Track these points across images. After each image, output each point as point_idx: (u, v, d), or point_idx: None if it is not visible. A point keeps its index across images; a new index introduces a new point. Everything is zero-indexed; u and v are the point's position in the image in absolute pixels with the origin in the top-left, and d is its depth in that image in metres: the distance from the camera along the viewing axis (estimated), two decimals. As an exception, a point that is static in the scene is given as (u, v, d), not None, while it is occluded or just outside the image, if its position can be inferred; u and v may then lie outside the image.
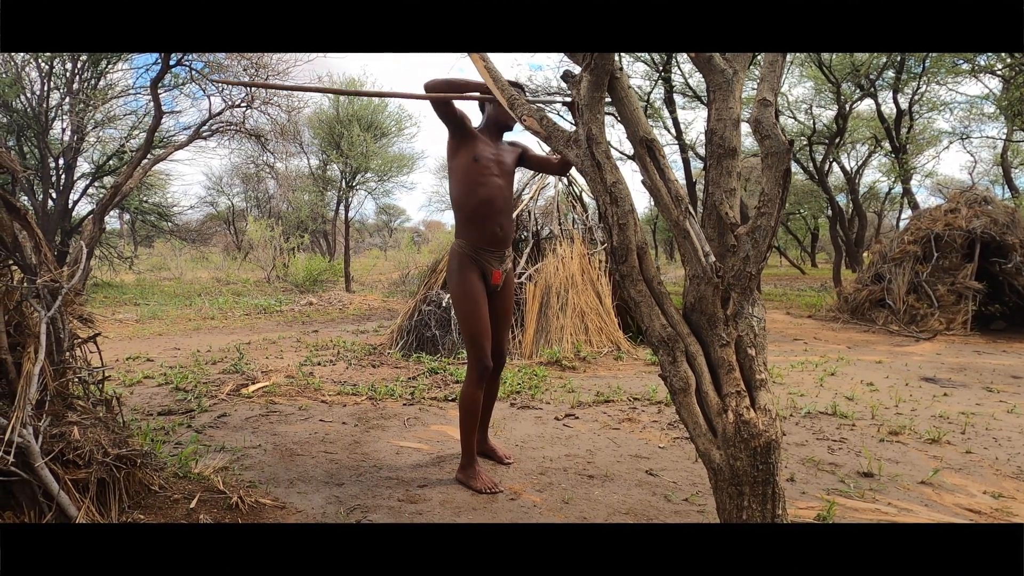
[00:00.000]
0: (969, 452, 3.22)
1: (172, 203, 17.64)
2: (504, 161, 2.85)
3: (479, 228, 2.75)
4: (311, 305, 10.35)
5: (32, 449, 1.88)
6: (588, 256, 6.26)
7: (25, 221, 2.17)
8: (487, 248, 2.77)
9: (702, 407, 1.70)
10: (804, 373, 5.14)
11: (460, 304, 2.76)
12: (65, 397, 2.25)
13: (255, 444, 3.26)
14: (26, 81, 11.20)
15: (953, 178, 22.95)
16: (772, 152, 1.68)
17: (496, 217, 2.76)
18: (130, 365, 5.43)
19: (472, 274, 2.75)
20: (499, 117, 2.88)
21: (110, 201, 10.17)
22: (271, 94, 11.27)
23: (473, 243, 2.76)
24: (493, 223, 2.75)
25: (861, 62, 11.69)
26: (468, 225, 2.76)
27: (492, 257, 2.78)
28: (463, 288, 2.74)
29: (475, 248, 2.76)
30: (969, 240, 7.59)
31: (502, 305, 2.89)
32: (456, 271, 2.77)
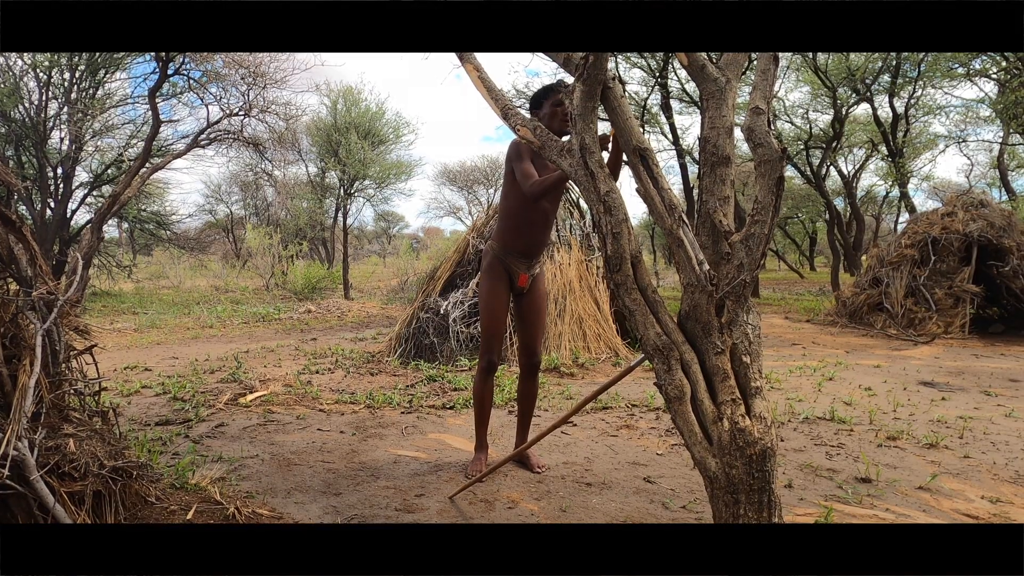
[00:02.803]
0: (967, 457, 3.21)
1: (170, 211, 17.67)
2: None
3: (515, 239, 2.92)
4: (310, 313, 10.35)
5: (28, 462, 1.88)
6: (586, 262, 6.27)
7: (20, 233, 2.17)
8: (518, 254, 2.93)
9: (697, 415, 1.70)
10: (802, 378, 5.14)
11: (481, 301, 2.98)
12: (61, 409, 2.25)
13: (252, 454, 3.25)
14: (24, 91, 11.22)
15: (950, 181, 23.00)
16: (765, 160, 1.69)
17: (535, 234, 2.91)
18: (128, 375, 5.43)
19: (498, 275, 2.94)
20: (554, 127, 2.76)
21: (108, 210, 10.17)
22: (268, 102, 11.30)
23: (506, 248, 2.93)
24: (530, 238, 2.91)
25: (857, 66, 11.74)
26: (507, 233, 2.93)
27: (520, 262, 2.93)
28: (487, 286, 2.96)
29: (506, 252, 2.93)
30: (966, 243, 7.60)
31: (531, 306, 3.02)
32: (486, 270, 2.98)
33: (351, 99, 14.75)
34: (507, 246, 2.93)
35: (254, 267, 16.51)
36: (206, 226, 26.06)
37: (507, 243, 2.93)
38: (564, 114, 2.67)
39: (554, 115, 2.74)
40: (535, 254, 2.96)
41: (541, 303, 3.05)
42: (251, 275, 18.16)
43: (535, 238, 2.92)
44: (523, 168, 2.78)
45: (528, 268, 2.95)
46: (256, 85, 10.96)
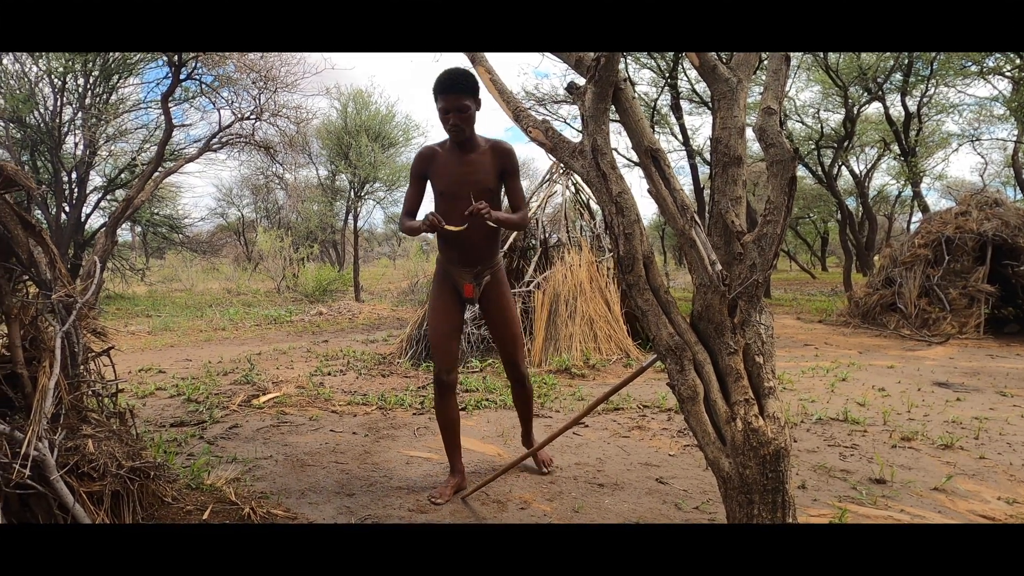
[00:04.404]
0: (983, 458, 3.19)
1: (183, 215, 17.84)
2: (473, 181, 2.66)
3: (445, 248, 2.79)
4: (321, 315, 10.41)
5: (48, 462, 1.91)
6: (596, 264, 6.26)
7: (40, 237, 2.21)
8: (457, 263, 2.77)
9: (710, 415, 1.70)
10: (815, 379, 5.11)
11: (428, 315, 2.93)
12: (80, 410, 2.28)
13: (266, 455, 3.28)
14: (39, 97, 11.36)
15: (963, 180, 22.80)
16: (777, 160, 1.69)
17: (456, 244, 2.71)
18: (142, 377, 5.48)
19: (443, 284, 2.83)
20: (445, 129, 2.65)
21: (122, 214, 10.28)
22: (279, 105, 11.38)
23: (445, 256, 2.81)
24: (458, 247, 2.73)
25: (868, 65, 11.66)
26: (438, 241, 2.79)
27: (463, 271, 2.76)
28: (431, 297, 2.90)
29: (447, 260, 2.80)
30: (981, 243, 7.53)
31: (493, 318, 2.87)
32: (433, 279, 2.91)
33: (361, 102, 14.81)
34: (444, 254, 2.80)
35: (265, 270, 16.62)
36: (218, 229, 26.26)
37: (442, 251, 2.81)
38: (450, 123, 2.56)
39: (445, 120, 2.59)
40: (474, 263, 2.75)
41: (504, 313, 2.85)
42: (262, 278, 18.28)
43: (463, 247, 2.71)
44: (407, 191, 2.77)
45: (474, 278, 2.76)
46: (267, 89, 11.03)
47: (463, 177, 2.65)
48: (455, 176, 2.66)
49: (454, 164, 2.67)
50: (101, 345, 2.56)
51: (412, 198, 2.76)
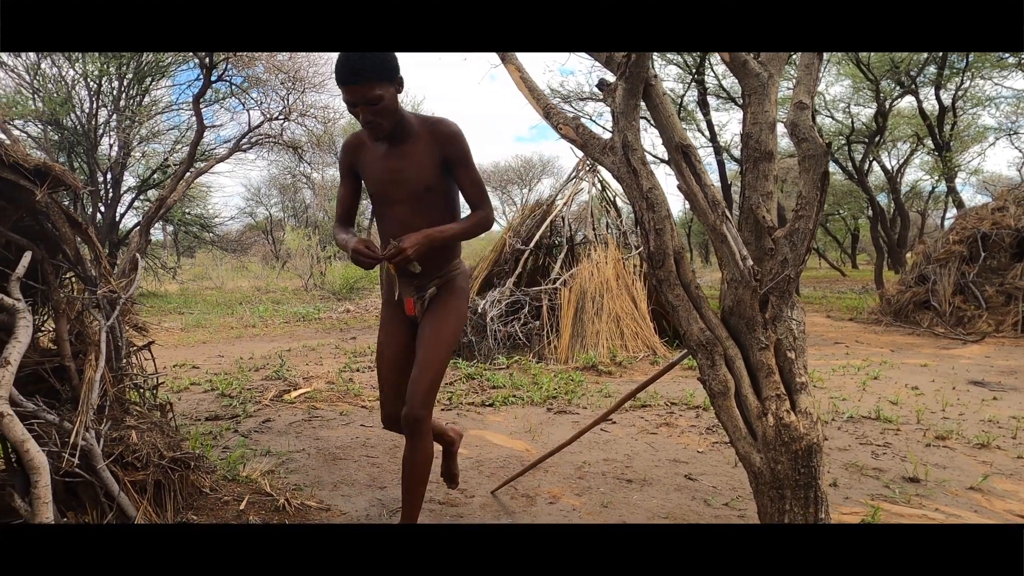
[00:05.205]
0: (1020, 457, 3.13)
1: (213, 214, 18.17)
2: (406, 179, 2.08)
3: None
4: (348, 312, 10.53)
5: (95, 452, 1.98)
6: (623, 261, 6.25)
7: (86, 235, 2.28)
8: (399, 273, 2.12)
9: (742, 411, 1.70)
10: (846, 377, 5.05)
11: None
12: (123, 402, 2.35)
13: (299, 448, 3.34)
14: (76, 99, 11.68)
15: (1000, 175, 22.19)
16: (809, 155, 1.68)
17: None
18: (177, 372, 5.61)
19: (388, 308, 2.25)
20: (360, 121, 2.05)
21: (155, 213, 10.52)
22: (307, 105, 11.54)
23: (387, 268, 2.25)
24: None
25: (901, 59, 11.43)
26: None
27: (406, 283, 2.15)
28: (380, 324, 2.28)
29: (390, 274, 2.21)
30: (1018, 239, 7.36)
31: (421, 332, 2.13)
32: (383, 294, 2.31)
33: (387, 101, 14.92)
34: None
35: (293, 268, 16.83)
36: (247, 228, 26.71)
37: None
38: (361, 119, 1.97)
39: (355, 116, 2.00)
40: (410, 274, 2.10)
41: (432, 327, 2.11)
42: (290, 276, 18.53)
43: None
44: (338, 191, 2.27)
45: (416, 291, 2.15)
46: (295, 89, 11.21)
47: (393, 175, 2.07)
48: (383, 174, 2.09)
49: (382, 159, 2.09)
50: (142, 340, 2.64)
51: (344, 198, 2.24)
